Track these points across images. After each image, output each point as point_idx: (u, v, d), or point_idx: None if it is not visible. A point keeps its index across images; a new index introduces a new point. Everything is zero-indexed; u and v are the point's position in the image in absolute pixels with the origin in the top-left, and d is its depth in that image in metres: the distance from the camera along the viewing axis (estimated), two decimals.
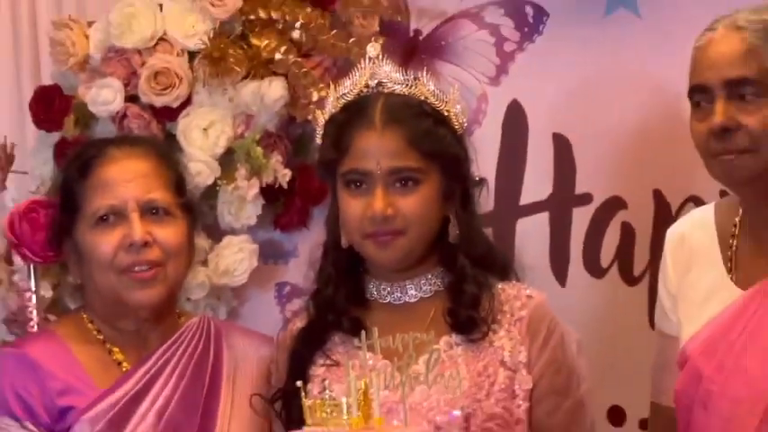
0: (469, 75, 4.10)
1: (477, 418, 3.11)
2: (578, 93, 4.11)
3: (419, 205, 3.15)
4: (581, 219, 4.02)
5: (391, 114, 3.10)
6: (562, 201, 4.06)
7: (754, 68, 3.05)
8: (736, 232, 3.22)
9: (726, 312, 3.13)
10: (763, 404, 3.03)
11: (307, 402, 2.80)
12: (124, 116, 3.89)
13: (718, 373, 3.10)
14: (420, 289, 3.26)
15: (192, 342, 3.35)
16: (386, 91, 3.13)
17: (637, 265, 3.99)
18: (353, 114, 3.13)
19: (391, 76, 3.15)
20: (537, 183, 4.06)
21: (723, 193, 3.42)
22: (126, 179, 3.25)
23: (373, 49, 3.19)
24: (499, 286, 3.20)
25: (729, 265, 3.20)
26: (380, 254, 3.16)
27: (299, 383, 2.90)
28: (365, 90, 3.15)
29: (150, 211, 3.23)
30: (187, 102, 3.92)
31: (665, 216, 3.91)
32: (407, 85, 3.15)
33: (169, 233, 3.23)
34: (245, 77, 3.95)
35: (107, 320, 3.31)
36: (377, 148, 3.10)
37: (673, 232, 3.33)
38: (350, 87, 3.17)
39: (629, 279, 4.01)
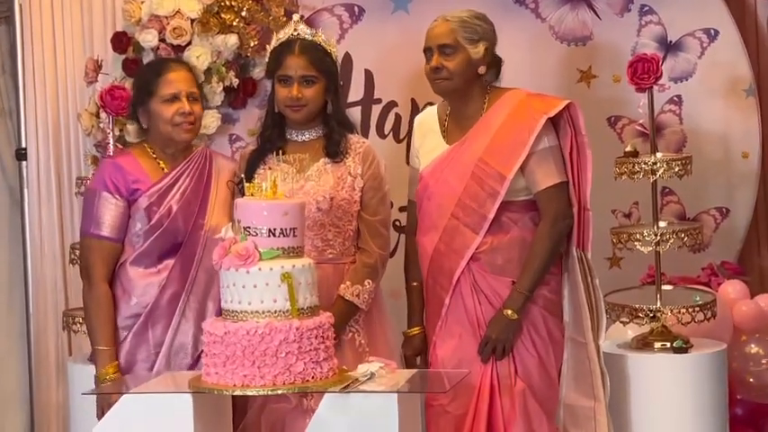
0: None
1: (336, 200, 4.17)
2: (378, 50, 5.48)
3: (314, 93, 4.18)
4: (376, 110, 5.54)
5: (302, 48, 4.16)
6: (367, 101, 5.54)
7: (452, 39, 4.13)
8: (447, 119, 4.29)
9: (440, 155, 4.24)
10: (455, 197, 4.08)
11: (246, 186, 3.75)
12: (157, 48, 5.11)
13: (435, 183, 4.19)
14: (312, 134, 4.26)
15: (198, 159, 4.27)
16: (300, 37, 4.22)
17: (402, 133, 5.55)
18: (284, 47, 4.18)
19: (304, 30, 4.25)
20: (355, 92, 5.49)
21: (440, 101, 4.41)
22: (179, 80, 4.20)
23: (296, 17, 4.31)
24: (349, 136, 4.24)
25: (444, 134, 4.30)
26: (294, 115, 4.19)
27: (242, 176, 4.00)
28: (291, 36, 4.22)
29: (190, 97, 4.21)
30: (189, 43, 5.14)
31: (415, 111, 5.29)
32: (311, 35, 4.23)
33: (197, 108, 4.23)
34: (218, 33, 5.15)
35: (160, 147, 4.23)
36: (295, 64, 4.16)
37: (417, 118, 4.47)
38: (283, 35, 4.24)
39: (398, 140, 5.56)
